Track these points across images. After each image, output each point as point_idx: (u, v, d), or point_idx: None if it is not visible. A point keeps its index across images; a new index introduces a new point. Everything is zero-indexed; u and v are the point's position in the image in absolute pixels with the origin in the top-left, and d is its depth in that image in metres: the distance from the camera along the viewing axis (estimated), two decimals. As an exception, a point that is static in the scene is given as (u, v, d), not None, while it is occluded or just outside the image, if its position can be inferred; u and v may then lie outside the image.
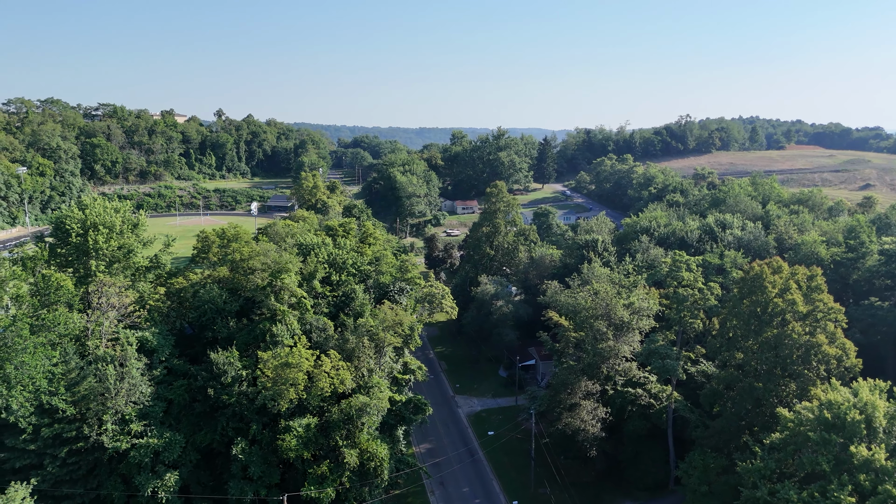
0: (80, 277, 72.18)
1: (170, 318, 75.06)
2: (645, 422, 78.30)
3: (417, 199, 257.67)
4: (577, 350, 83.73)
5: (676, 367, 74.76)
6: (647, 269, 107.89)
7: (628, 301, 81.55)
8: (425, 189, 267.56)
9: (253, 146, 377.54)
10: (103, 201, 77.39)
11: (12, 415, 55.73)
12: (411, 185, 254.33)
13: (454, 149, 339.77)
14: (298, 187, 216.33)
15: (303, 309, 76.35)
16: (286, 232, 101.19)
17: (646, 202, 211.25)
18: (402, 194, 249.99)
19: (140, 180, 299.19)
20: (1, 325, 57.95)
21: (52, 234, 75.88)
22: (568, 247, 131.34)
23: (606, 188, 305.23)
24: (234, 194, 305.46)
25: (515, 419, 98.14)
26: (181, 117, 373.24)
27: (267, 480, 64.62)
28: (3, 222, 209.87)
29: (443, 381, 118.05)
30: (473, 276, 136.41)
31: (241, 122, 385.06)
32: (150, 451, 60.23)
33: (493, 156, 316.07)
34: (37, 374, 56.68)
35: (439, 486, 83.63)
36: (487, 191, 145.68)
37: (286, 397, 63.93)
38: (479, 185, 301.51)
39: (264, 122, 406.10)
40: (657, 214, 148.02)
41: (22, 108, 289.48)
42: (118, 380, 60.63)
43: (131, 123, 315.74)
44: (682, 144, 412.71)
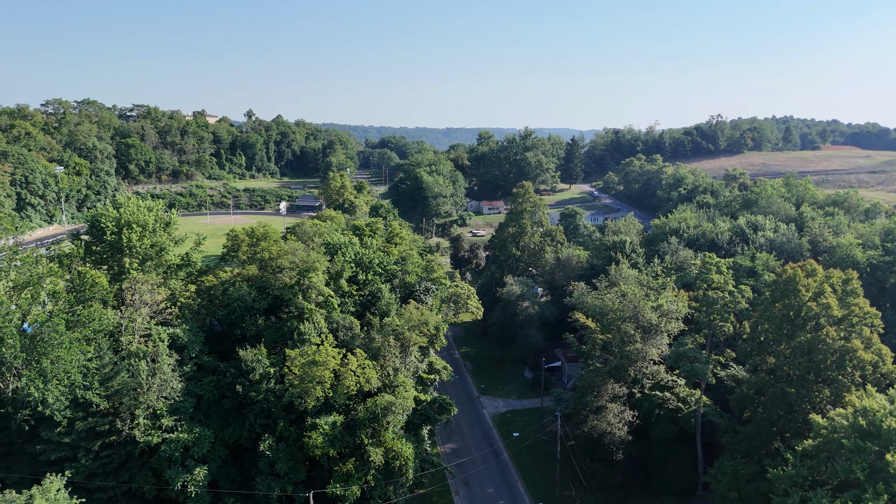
0: (115, 275, 73.85)
1: (200, 316, 76.31)
2: (673, 426, 77.21)
3: (443, 199, 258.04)
4: (604, 352, 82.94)
5: (706, 370, 73.59)
6: (676, 271, 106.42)
7: (656, 303, 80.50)
8: (451, 189, 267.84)
9: (282, 146, 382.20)
10: (137, 200, 79.03)
11: (48, 408, 57.20)
12: (437, 186, 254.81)
13: (481, 149, 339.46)
14: (326, 187, 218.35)
15: (330, 307, 77.00)
16: (314, 231, 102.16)
17: (675, 203, 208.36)
18: (429, 194, 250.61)
19: (172, 180, 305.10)
20: (38, 321, 59.57)
21: (88, 232, 77.70)
22: (595, 248, 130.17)
23: (635, 189, 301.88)
24: (264, 194, 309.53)
25: (541, 421, 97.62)
26: (212, 118, 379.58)
27: (293, 477, 65.29)
28: (41, 220, 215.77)
29: (468, 382, 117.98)
30: (499, 277, 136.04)
31: (271, 122, 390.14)
32: (180, 446, 61.30)
33: (520, 156, 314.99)
34: (72, 369, 58.09)
35: (464, 487, 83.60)
36: (514, 191, 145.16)
37: (313, 395, 64.53)
38: (505, 185, 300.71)
39: (293, 123, 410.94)
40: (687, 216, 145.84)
41: (59, 108, 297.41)
42: (150, 375, 61.85)
43: (164, 124, 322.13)
44: (713, 145, 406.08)
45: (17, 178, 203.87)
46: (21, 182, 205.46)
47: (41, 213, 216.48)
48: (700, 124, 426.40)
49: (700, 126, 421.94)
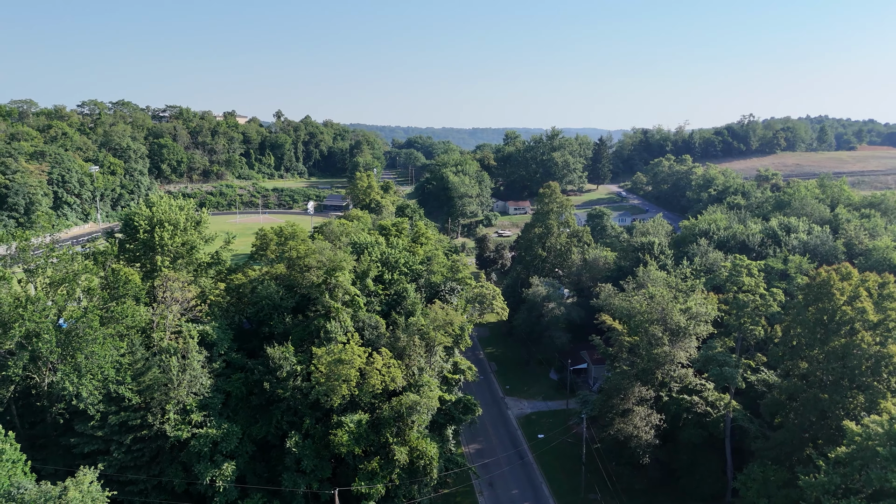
0: (147, 272, 75.38)
1: (229, 313, 77.42)
2: (701, 430, 76.04)
3: (469, 199, 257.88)
4: (631, 355, 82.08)
5: (735, 374, 72.35)
6: (706, 273, 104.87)
7: (685, 306, 79.39)
8: (477, 189, 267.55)
9: (310, 146, 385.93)
10: (169, 199, 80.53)
11: (82, 402, 58.57)
12: (463, 186, 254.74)
13: (507, 149, 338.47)
14: (353, 187, 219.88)
15: (356, 306, 77.53)
16: (341, 231, 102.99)
17: (705, 204, 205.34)
18: (455, 194, 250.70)
19: (203, 179, 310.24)
20: (73, 317, 61.07)
21: (122, 230, 79.42)
22: (623, 249, 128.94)
23: (664, 189, 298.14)
24: (292, 193, 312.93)
25: (566, 423, 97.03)
26: (242, 118, 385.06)
27: (319, 474, 65.86)
28: (77, 218, 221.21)
29: (492, 382, 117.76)
30: (525, 278, 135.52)
31: (299, 122, 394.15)
32: (209, 441, 62.26)
33: (547, 156, 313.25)
34: (105, 364, 59.37)
35: (488, 487, 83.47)
36: (540, 191, 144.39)
37: (339, 393, 65.04)
38: (531, 185, 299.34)
39: (321, 123, 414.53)
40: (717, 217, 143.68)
41: (95, 109, 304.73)
42: (180, 371, 62.94)
43: (196, 124, 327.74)
44: (745, 145, 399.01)
45: (55, 177, 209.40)
46: (58, 181, 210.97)
47: (77, 211, 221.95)
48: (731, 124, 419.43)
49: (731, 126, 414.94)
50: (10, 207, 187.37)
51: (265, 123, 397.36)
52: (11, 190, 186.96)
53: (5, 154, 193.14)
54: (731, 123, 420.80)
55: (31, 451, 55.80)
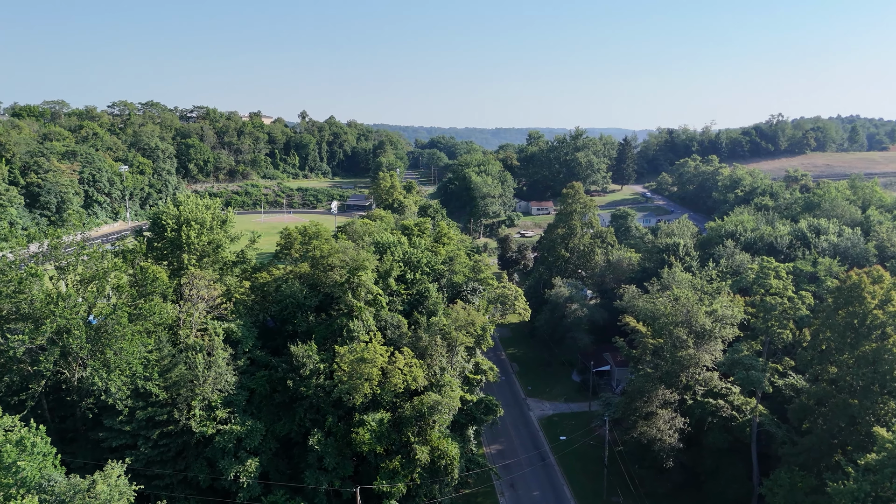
0: (174, 270, 76.59)
1: (253, 311, 78.30)
2: (726, 435, 74.93)
3: (492, 199, 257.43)
4: (655, 357, 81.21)
5: (762, 378, 71.16)
6: (732, 275, 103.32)
7: (711, 308, 78.30)
8: (500, 189, 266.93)
9: (334, 147, 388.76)
10: (196, 198, 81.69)
11: (111, 397, 59.75)
12: (486, 186, 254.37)
13: (530, 149, 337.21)
14: (376, 187, 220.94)
15: (378, 306, 77.90)
16: (364, 230, 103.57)
17: (732, 205, 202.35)
18: (477, 194, 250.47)
19: (229, 179, 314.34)
20: (103, 313, 62.32)
21: (150, 228, 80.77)
22: (647, 250, 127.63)
23: (689, 190, 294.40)
24: (316, 193, 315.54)
25: (588, 425, 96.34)
26: (268, 119, 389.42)
27: (341, 472, 66.33)
28: (107, 217, 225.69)
29: (514, 383, 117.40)
30: (547, 278, 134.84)
31: (324, 123, 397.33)
32: (233, 438, 63.06)
33: (571, 156, 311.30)
34: (133, 360, 60.49)
35: (509, 488, 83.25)
36: (564, 191, 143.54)
37: (361, 391, 65.42)
38: (554, 185, 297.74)
39: (345, 124, 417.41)
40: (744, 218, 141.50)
41: (125, 110, 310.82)
42: (206, 368, 63.82)
43: (222, 125, 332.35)
44: (773, 145, 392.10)
45: (85, 176, 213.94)
46: (89, 180, 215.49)
47: (107, 210, 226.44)
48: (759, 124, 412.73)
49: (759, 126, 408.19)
50: (42, 206, 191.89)
51: (290, 124, 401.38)
52: (44, 189, 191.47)
53: (38, 154, 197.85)
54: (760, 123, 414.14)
55: (61, 445, 56.99)
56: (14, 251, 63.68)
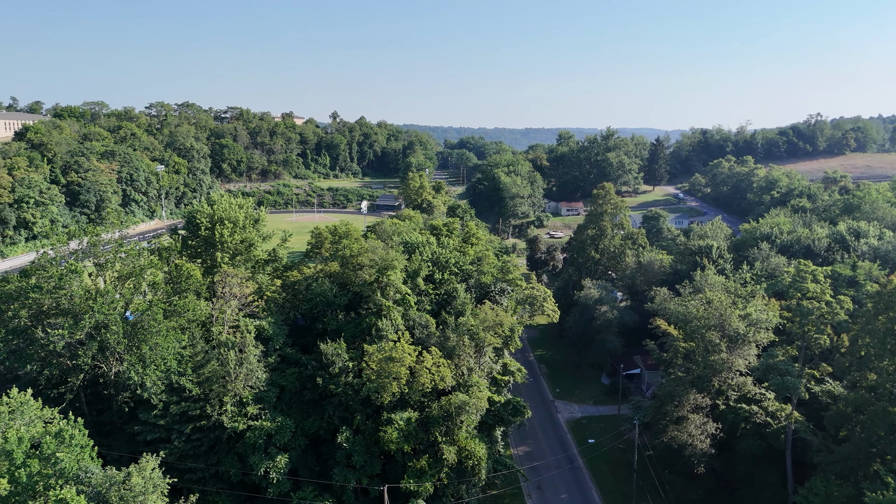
0: (207, 268, 78.07)
1: (284, 309, 79.36)
2: (760, 441, 73.37)
3: (521, 199, 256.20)
4: (687, 361, 79.94)
5: (798, 384, 69.51)
6: (767, 278, 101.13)
7: (745, 312, 76.76)
8: (529, 190, 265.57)
9: (364, 147, 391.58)
10: (229, 198, 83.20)
11: (146, 391, 61.20)
12: (515, 186, 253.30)
13: (560, 149, 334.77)
14: (405, 187, 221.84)
15: (407, 305, 78.24)
16: (393, 230, 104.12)
17: (767, 207, 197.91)
18: (506, 195, 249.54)
19: (261, 178, 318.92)
20: (139, 310, 63.84)
21: (185, 227, 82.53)
22: (679, 252, 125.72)
23: (723, 191, 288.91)
24: (346, 193, 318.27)
25: (618, 428, 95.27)
26: (299, 119, 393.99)
27: (369, 470, 66.77)
28: (143, 215, 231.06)
29: (542, 385, 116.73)
30: (577, 280, 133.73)
31: (354, 123, 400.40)
32: (263, 434, 64.02)
33: (601, 156, 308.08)
34: (168, 356, 61.87)
35: (536, 490, 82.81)
36: (594, 192, 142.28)
37: (389, 390, 65.78)
38: (585, 186, 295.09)
39: (375, 124, 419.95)
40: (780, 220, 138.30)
41: (162, 111, 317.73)
42: (238, 364, 64.92)
43: (255, 125, 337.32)
44: (811, 145, 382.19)
45: (123, 175, 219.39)
46: (127, 179, 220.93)
47: (143, 208, 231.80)
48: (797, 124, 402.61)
49: (797, 126, 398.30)
50: (82, 204, 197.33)
51: (321, 124, 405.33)
52: (84, 188, 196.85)
53: (78, 154, 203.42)
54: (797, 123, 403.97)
55: (98, 438, 58.49)
56: (55, 248, 65.58)
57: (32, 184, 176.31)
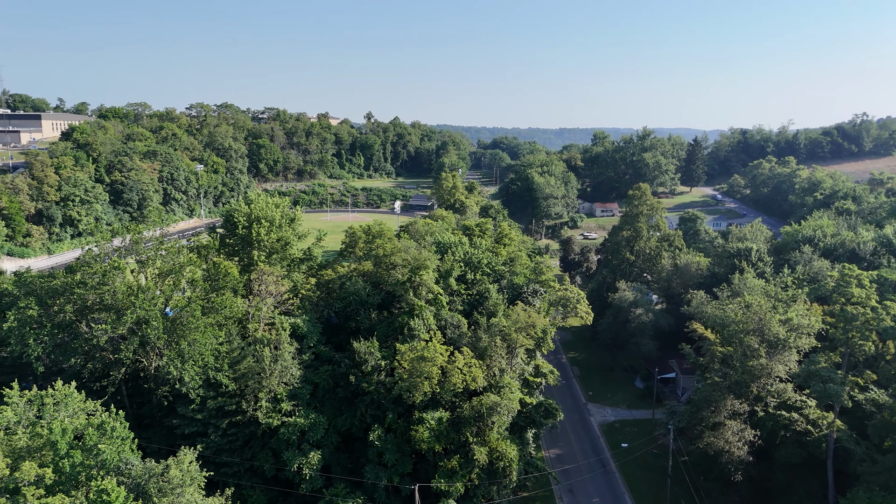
0: (244, 266, 79.48)
1: (318, 307, 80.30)
2: (800, 449, 71.38)
3: (554, 200, 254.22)
4: (724, 366, 78.27)
5: (841, 392, 67.40)
6: (809, 282, 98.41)
7: (785, 316, 74.79)
8: (563, 190, 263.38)
9: (398, 147, 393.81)
10: (265, 197, 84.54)
11: (184, 386, 62.57)
12: (549, 187, 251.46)
13: (595, 149, 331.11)
14: (438, 187, 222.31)
15: (439, 305, 78.39)
16: (426, 230, 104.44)
17: (810, 209, 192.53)
18: (539, 195, 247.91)
19: (297, 178, 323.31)
20: (178, 306, 65.33)
21: (223, 225, 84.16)
22: (717, 255, 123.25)
23: (763, 193, 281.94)
24: (380, 193, 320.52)
25: (651, 433, 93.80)
26: (335, 120, 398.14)
27: (400, 469, 67.06)
28: (183, 214, 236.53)
29: (575, 388, 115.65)
30: (611, 282, 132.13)
31: (388, 124, 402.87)
32: (297, 430, 64.85)
33: (637, 157, 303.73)
34: (206, 351, 63.17)
35: (568, 494, 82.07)
36: (630, 193, 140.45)
37: (420, 390, 65.99)
38: (620, 187, 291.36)
39: (409, 125, 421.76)
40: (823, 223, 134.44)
41: (201, 112, 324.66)
42: (272, 361, 65.92)
43: (291, 126, 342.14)
44: (856, 146, 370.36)
45: (164, 174, 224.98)
46: (167, 179, 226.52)
47: (183, 207, 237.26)
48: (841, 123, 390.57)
49: (841, 126, 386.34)
50: (125, 203, 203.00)
51: (356, 125, 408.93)
52: (127, 186, 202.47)
53: (122, 153, 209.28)
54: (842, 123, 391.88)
55: (138, 430, 60.08)
56: (99, 245, 67.50)
57: (78, 183, 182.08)
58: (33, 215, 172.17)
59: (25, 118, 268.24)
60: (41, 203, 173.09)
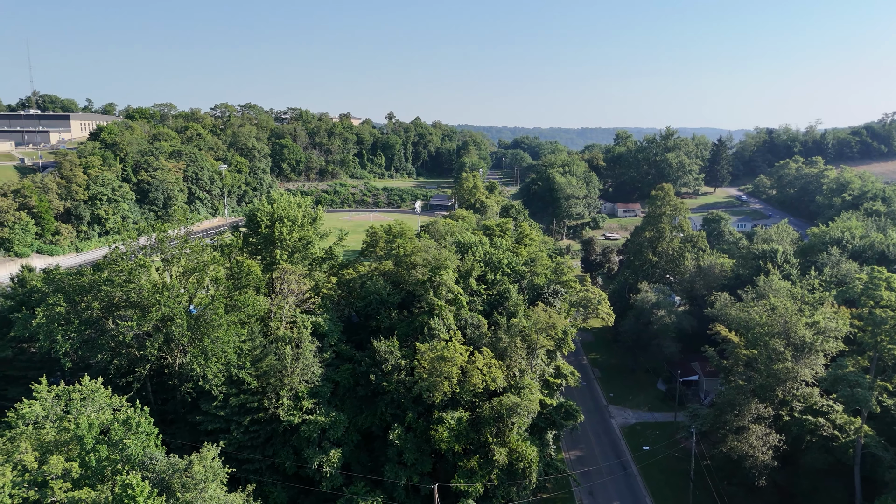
0: (267, 265, 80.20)
1: (339, 306, 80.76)
2: (826, 455, 70.06)
3: (576, 200, 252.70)
4: (748, 369, 77.11)
5: (869, 397, 66.00)
6: (837, 285, 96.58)
7: (812, 319, 73.44)
8: (584, 191, 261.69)
9: (419, 147, 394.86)
10: (288, 197, 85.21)
11: (207, 383, 63.35)
12: (570, 187, 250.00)
13: (617, 149, 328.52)
14: (459, 187, 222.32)
15: (459, 305, 78.35)
16: (446, 230, 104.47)
17: (837, 210, 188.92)
18: (560, 195, 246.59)
19: (319, 178, 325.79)
20: (202, 304, 66.16)
21: (246, 224, 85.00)
22: (742, 256, 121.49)
23: (790, 193, 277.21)
24: (400, 193, 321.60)
25: (673, 436, 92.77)
26: (356, 120, 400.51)
27: (419, 468, 67.15)
28: (207, 213, 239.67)
29: (595, 389, 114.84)
30: (633, 283, 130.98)
31: (409, 124, 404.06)
32: (318, 428, 65.24)
33: (660, 157, 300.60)
34: (228, 349, 63.89)
35: (588, 496, 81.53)
36: (653, 193, 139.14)
37: (440, 389, 66.02)
38: (642, 187, 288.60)
39: (430, 125, 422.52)
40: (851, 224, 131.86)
41: (225, 112, 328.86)
42: (294, 359, 66.44)
43: (314, 126, 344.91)
44: (886, 146, 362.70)
45: (189, 174, 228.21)
46: (192, 178, 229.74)
47: (207, 206, 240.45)
48: (871, 123, 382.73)
49: (871, 125, 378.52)
50: (151, 202, 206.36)
51: (377, 125, 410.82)
52: (153, 186, 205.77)
53: (148, 153, 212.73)
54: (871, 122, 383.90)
55: (162, 426, 60.89)
56: (126, 243, 68.63)
57: (106, 182, 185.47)
58: (62, 214, 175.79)
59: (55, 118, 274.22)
60: (70, 202, 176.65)
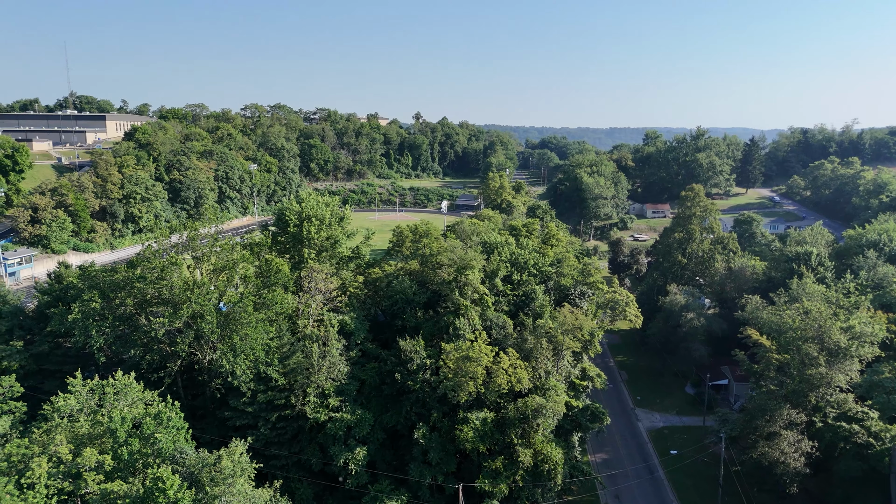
0: (295, 263, 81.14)
1: (366, 305, 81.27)
2: (861, 463, 68.27)
3: (604, 200, 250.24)
4: (780, 374, 75.52)
5: (906, 405, 64.12)
6: (874, 289, 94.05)
7: (847, 324, 71.66)
8: (612, 191, 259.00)
9: (445, 147, 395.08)
10: (316, 196, 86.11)
11: (236, 379, 64.36)
12: (598, 187, 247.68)
13: (647, 149, 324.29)
14: (485, 187, 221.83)
15: (484, 305, 78.24)
16: (472, 230, 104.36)
17: (875, 212, 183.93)
18: (588, 196, 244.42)
19: (346, 178, 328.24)
20: (231, 301, 67.19)
21: (275, 223, 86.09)
22: (774, 259, 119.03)
23: (824, 195, 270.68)
24: (427, 193, 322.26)
25: (702, 441, 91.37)
26: (384, 120, 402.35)
27: (444, 468, 67.23)
28: (237, 212, 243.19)
29: (622, 392, 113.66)
30: (662, 285, 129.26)
31: (436, 124, 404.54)
32: (343, 426, 65.81)
33: (691, 157, 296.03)
34: (257, 346, 64.81)
35: (614, 500, 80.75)
36: (682, 194, 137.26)
37: (465, 389, 66.00)
38: (672, 187, 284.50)
39: (457, 125, 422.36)
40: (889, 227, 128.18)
41: (255, 112, 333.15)
42: (321, 357, 67.10)
43: (342, 126, 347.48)
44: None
45: (220, 173, 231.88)
46: (222, 177, 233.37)
47: (237, 205, 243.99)
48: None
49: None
50: (182, 201, 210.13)
51: (404, 125, 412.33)
52: (184, 185, 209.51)
53: (180, 153, 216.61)
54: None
55: (192, 421, 62.09)
56: (158, 241, 70.09)
57: (139, 181, 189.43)
58: (97, 212, 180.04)
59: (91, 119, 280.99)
60: (105, 200, 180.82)
